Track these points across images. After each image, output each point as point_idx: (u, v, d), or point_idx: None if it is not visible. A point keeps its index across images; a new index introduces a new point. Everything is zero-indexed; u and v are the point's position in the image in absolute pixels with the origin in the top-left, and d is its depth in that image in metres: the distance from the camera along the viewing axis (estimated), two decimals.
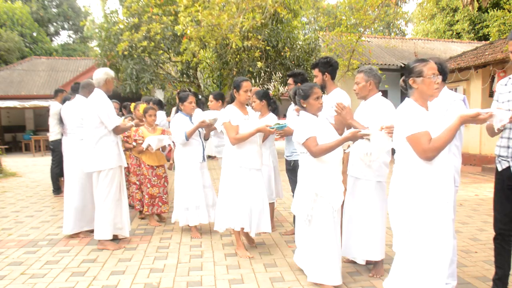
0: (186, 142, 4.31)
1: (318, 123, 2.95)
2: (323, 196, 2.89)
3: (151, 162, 4.91)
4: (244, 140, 3.58)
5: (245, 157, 3.65)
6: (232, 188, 3.68)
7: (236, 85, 3.69)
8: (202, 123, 4.25)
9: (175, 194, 4.47)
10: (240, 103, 3.75)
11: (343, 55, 10.80)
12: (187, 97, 4.46)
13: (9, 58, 22.37)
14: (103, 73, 4.06)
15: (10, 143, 17.26)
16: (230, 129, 3.61)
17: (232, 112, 3.68)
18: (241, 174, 3.66)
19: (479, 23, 19.87)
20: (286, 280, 3.23)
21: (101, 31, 10.76)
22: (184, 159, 4.37)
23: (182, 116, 4.43)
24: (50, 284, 3.20)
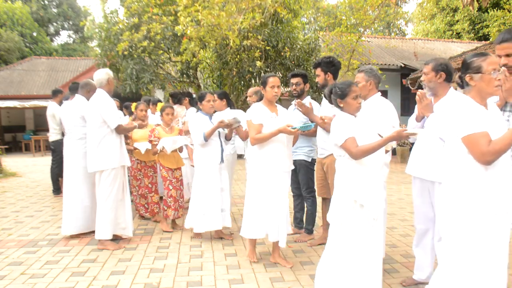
0: (204, 143, 4.12)
1: (357, 123, 2.72)
2: (362, 204, 2.58)
3: (169, 164, 4.64)
4: (265, 140, 3.35)
5: (268, 158, 3.40)
6: (256, 192, 3.47)
7: (263, 81, 3.47)
8: (221, 123, 4.06)
9: (192, 198, 4.27)
10: (268, 100, 3.50)
11: (343, 55, 10.79)
12: (205, 95, 4.24)
13: (9, 58, 22.36)
14: (105, 73, 4.09)
15: (10, 143, 17.26)
16: (251, 128, 3.43)
17: (255, 110, 3.47)
18: (264, 177, 3.42)
19: (479, 23, 19.87)
20: (286, 280, 3.23)
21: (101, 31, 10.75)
22: (203, 160, 4.18)
23: (201, 115, 4.25)
24: (50, 284, 3.20)
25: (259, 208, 3.45)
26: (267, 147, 3.40)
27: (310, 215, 4.27)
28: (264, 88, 3.47)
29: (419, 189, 3.01)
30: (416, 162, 2.98)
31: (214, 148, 4.19)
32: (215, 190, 4.14)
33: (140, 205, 5.15)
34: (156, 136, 4.61)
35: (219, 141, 4.24)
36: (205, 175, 4.15)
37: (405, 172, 3.13)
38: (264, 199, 3.42)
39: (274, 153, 3.40)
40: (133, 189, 5.18)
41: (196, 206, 4.18)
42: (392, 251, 3.89)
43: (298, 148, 4.12)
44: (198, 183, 4.20)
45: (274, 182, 3.41)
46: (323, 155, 3.88)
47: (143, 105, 5.20)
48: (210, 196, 4.12)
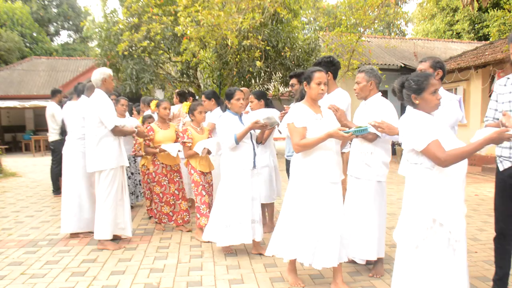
0: (235, 146, 3.68)
1: (436, 123, 2.29)
2: (442, 223, 2.18)
3: (202, 168, 4.24)
4: (312, 147, 2.84)
5: (315, 168, 2.88)
6: (301, 208, 2.92)
7: (307, 76, 2.96)
8: (255, 124, 3.64)
9: (214, 208, 3.83)
10: (312, 99, 2.98)
11: (343, 55, 10.80)
12: (234, 93, 3.78)
13: (9, 58, 22.37)
14: (100, 73, 4.06)
15: (10, 143, 17.27)
16: (294, 132, 2.90)
17: (298, 111, 2.93)
18: (311, 190, 2.89)
19: (479, 23, 19.89)
20: (286, 280, 3.23)
21: (101, 31, 10.77)
22: (232, 165, 3.71)
23: (230, 115, 3.81)
24: (50, 284, 3.20)
25: (305, 227, 2.90)
26: (314, 154, 2.89)
27: None
28: (308, 85, 2.95)
29: None
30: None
31: (246, 152, 3.74)
32: (245, 199, 3.68)
33: (162, 214, 4.66)
34: (189, 137, 4.21)
35: (252, 144, 3.79)
36: (235, 183, 3.68)
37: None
38: (311, 216, 2.89)
39: (322, 161, 2.90)
40: (154, 196, 4.68)
41: (219, 216, 3.72)
42: (392, 251, 3.88)
43: None
44: (225, 191, 3.73)
45: (323, 195, 2.90)
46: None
47: (167, 103, 4.77)
48: (240, 206, 3.66)
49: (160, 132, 4.64)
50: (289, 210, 3.01)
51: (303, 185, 2.92)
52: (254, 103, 4.40)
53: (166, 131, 4.68)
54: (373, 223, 3.20)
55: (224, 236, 3.66)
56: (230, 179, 3.70)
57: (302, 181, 2.93)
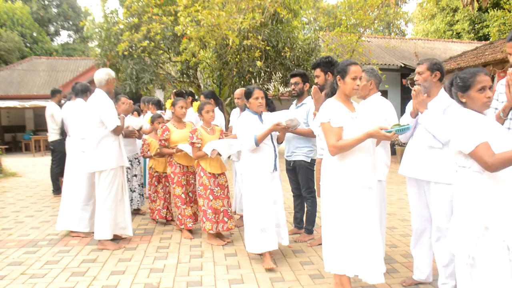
0: (255, 148, 3.51)
1: (488, 124, 2.13)
2: (494, 231, 2.02)
3: (212, 169, 4.07)
4: (349, 148, 2.56)
5: (352, 172, 2.61)
6: (340, 216, 2.63)
7: (341, 70, 2.66)
8: (277, 126, 3.47)
9: (245, 213, 3.63)
10: (345, 95, 2.69)
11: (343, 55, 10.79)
12: (252, 91, 3.60)
13: (9, 58, 22.37)
14: (105, 73, 4.09)
15: (10, 143, 17.27)
16: (329, 132, 2.60)
17: (333, 108, 2.64)
18: (348, 196, 2.61)
19: (479, 23, 19.88)
20: (286, 280, 3.23)
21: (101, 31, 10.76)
22: (252, 168, 3.56)
23: (250, 114, 3.63)
24: (50, 284, 3.20)
25: (349, 238, 2.60)
26: (351, 157, 2.60)
27: (310, 215, 4.27)
28: (342, 79, 2.66)
29: (415, 190, 3.01)
30: (410, 163, 2.97)
31: (267, 153, 3.57)
32: (267, 203, 3.52)
33: (186, 217, 4.38)
34: (198, 138, 4.06)
35: (273, 146, 3.62)
36: (256, 186, 3.53)
37: (399, 173, 3.11)
38: (350, 225, 2.61)
39: (360, 164, 2.62)
40: (176, 200, 4.41)
41: (251, 221, 3.54)
42: (392, 251, 3.89)
43: (297, 148, 4.12)
44: (249, 195, 3.59)
45: (363, 201, 2.62)
46: (323, 156, 3.87)
47: (183, 102, 4.52)
48: (262, 210, 3.50)
49: (176, 132, 4.45)
50: (329, 220, 2.71)
51: (342, 192, 2.61)
52: None
53: (182, 131, 4.47)
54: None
55: (258, 242, 3.49)
56: (250, 183, 3.56)
57: (340, 188, 2.62)
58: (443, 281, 2.85)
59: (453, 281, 2.83)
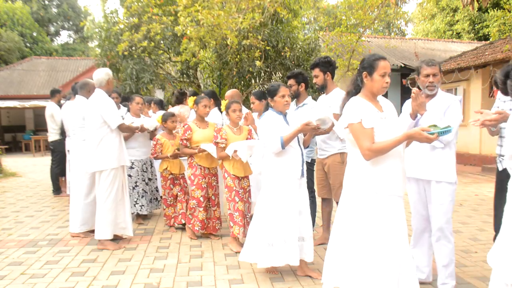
0: (281, 151, 3.14)
1: None
2: None
3: (236, 171, 3.89)
4: (386, 152, 2.27)
5: (383, 179, 2.31)
6: (367, 227, 2.31)
7: (368, 66, 2.39)
8: (306, 126, 3.08)
9: (254, 222, 3.30)
10: (372, 93, 2.42)
11: (343, 55, 10.80)
12: (278, 89, 3.24)
13: (9, 58, 22.39)
14: (105, 73, 4.09)
15: (10, 143, 17.29)
16: (362, 134, 2.29)
17: (363, 108, 2.35)
18: (379, 206, 2.31)
19: (479, 23, 19.88)
20: (286, 280, 3.23)
21: (101, 31, 10.76)
22: (277, 174, 3.17)
23: (274, 114, 3.28)
24: (50, 284, 3.20)
25: (384, 254, 2.28)
26: (382, 163, 2.32)
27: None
28: (370, 76, 2.39)
29: (415, 189, 3.01)
30: (410, 162, 2.97)
31: (293, 158, 3.18)
32: (292, 213, 3.13)
33: (197, 220, 4.20)
34: (223, 138, 3.87)
35: (300, 149, 3.24)
36: (280, 194, 3.14)
37: None
38: (390, 240, 2.29)
39: (391, 171, 2.33)
40: (192, 202, 4.20)
41: (261, 233, 3.20)
42: None
43: None
44: (267, 204, 3.20)
45: (393, 212, 2.32)
46: (323, 156, 3.87)
47: (207, 100, 4.30)
48: (285, 222, 3.11)
49: (198, 132, 4.24)
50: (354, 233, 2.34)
51: (373, 201, 2.31)
52: (255, 103, 4.38)
53: (205, 130, 4.26)
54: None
55: (267, 256, 3.13)
56: (274, 190, 3.17)
57: (372, 196, 2.32)
58: (443, 281, 2.85)
59: (453, 281, 2.83)
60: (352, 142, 2.39)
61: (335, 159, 3.73)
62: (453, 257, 2.87)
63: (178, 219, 4.61)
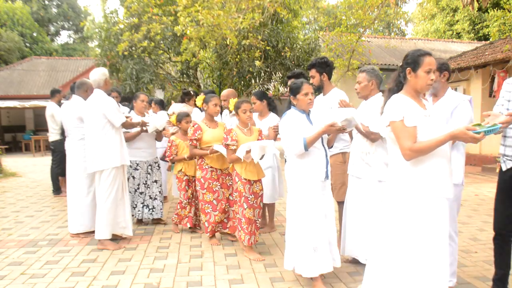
0: (304, 152, 2.97)
1: None
2: None
3: (248, 175, 3.66)
4: (429, 152, 2.17)
5: (428, 179, 2.21)
6: (412, 231, 2.22)
7: (412, 61, 2.31)
8: (331, 127, 2.90)
9: (290, 230, 3.11)
10: (416, 91, 2.32)
11: (343, 55, 10.79)
12: (301, 86, 3.05)
13: (9, 58, 22.39)
14: (101, 73, 4.09)
15: (10, 143, 17.29)
16: (403, 133, 2.20)
17: (406, 105, 2.25)
18: (423, 208, 2.21)
19: (479, 23, 19.88)
20: (286, 280, 3.23)
21: (101, 31, 10.76)
22: (300, 176, 3.02)
23: (296, 113, 3.09)
24: (50, 284, 3.20)
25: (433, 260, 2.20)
26: (427, 163, 2.21)
27: None
28: (414, 72, 2.30)
29: None
30: None
31: (317, 159, 3.03)
32: (319, 217, 2.99)
33: (216, 224, 4.08)
34: (233, 139, 3.67)
35: (324, 150, 3.07)
36: (304, 197, 3.00)
37: None
38: (427, 243, 2.21)
39: (437, 171, 2.22)
40: (206, 206, 4.04)
41: (301, 240, 3.00)
42: None
43: None
44: (296, 209, 3.05)
45: (438, 214, 2.22)
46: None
47: (217, 99, 4.12)
48: (314, 226, 2.97)
49: (208, 132, 4.05)
50: (397, 238, 2.26)
51: (418, 203, 2.21)
52: (256, 104, 4.38)
53: (215, 130, 4.07)
54: (375, 222, 3.21)
55: (312, 263, 2.96)
56: (297, 193, 3.03)
57: (416, 198, 2.22)
58: None
59: (454, 279, 2.85)
60: (393, 141, 2.30)
61: (336, 159, 3.73)
62: (456, 256, 2.89)
63: (184, 222, 4.50)
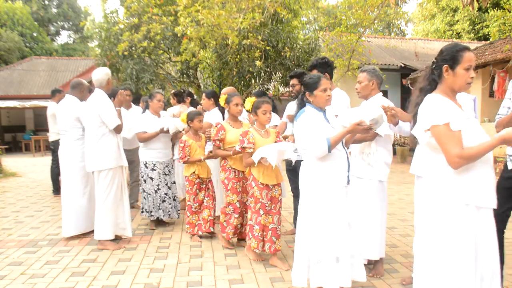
0: (326, 155, 2.69)
1: None
2: None
3: (266, 179, 3.46)
4: (479, 158, 1.95)
5: (473, 188, 1.99)
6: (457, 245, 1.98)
7: (450, 57, 2.08)
8: (357, 126, 2.62)
9: (299, 236, 2.86)
10: (453, 90, 2.09)
11: (343, 55, 10.80)
12: (318, 82, 2.80)
13: (9, 58, 22.40)
14: (105, 73, 4.10)
15: (10, 143, 17.29)
16: (449, 138, 1.95)
17: (448, 106, 2.01)
18: (467, 219, 1.98)
19: (479, 23, 19.89)
20: (286, 280, 3.23)
21: (101, 31, 10.76)
22: (320, 181, 2.73)
23: (314, 111, 2.82)
24: (50, 284, 3.20)
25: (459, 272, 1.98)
26: (475, 169, 1.99)
27: None
28: (452, 70, 2.07)
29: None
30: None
31: (339, 162, 2.76)
32: (341, 225, 2.71)
33: (232, 227, 3.89)
34: (250, 142, 3.49)
35: (345, 152, 2.82)
36: (325, 205, 2.71)
37: (410, 172, 3.12)
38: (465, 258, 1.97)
39: (483, 179, 2.00)
40: (228, 208, 3.88)
41: (307, 249, 2.78)
42: (392, 251, 3.89)
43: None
44: (310, 217, 2.76)
45: (483, 227, 2.00)
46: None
47: (239, 98, 3.97)
48: (335, 236, 2.69)
49: (232, 131, 3.89)
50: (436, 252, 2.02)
51: (465, 215, 1.97)
52: None
53: (239, 130, 3.88)
54: (376, 222, 3.21)
55: (315, 275, 2.71)
56: (317, 200, 2.73)
57: (464, 209, 1.98)
58: None
59: None
60: (432, 147, 2.04)
61: None
62: None
63: (206, 227, 4.24)
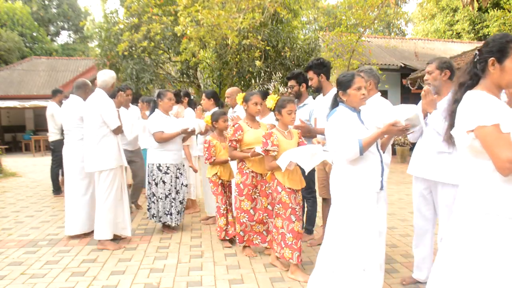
0: (358, 157, 2.49)
1: None
2: None
3: (292, 184, 3.24)
4: None
5: None
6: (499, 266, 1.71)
7: (497, 49, 1.79)
8: (392, 127, 2.43)
9: (327, 244, 2.66)
10: (499, 86, 1.84)
11: (343, 55, 10.80)
12: (352, 80, 2.59)
13: (9, 58, 22.40)
14: (111, 77, 4.16)
15: (10, 143, 17.29)
16: (499, 141, 1.69)
17: (495, 105, 1.76)
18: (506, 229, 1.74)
19: (479, 23, 19.88)
20: (286, 280, 3.23)
21: (101, 31, 10.77)
22: (351, 186, 2.54)
23: (347, 111, 2.62)
24: (50, 284, 3.20)
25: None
26: None
27: (310, 216, 4.27)
28: (500, 63, 1.81)
29: (421, 189, 3.00)
30: (418, 162, 2.97)
31: (372, 166, 2.56)
32: (372, 234, 2.53)
33: (254, 233, 3.75)
34: (274, 144, 3.24)
35: (379, 155, 2.61)
36: (357, 211, 2.52)
37: (407, 172, 3.12)
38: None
39: None
40: (242, 215, 3.69)
41: (351, 258, 2.52)
42: (392, 251, 3.89)
43: None
44: (340, 224, 2.58)
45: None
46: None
47: (258, 97, 3.76)
48: (366, 245, 2.51)
49: (250, 132, 3.70)
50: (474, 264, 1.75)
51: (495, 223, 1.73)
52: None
53: (257, 131, 3.70)
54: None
55: (361, 285, 2.52)
56: (348, 207, 2.55)
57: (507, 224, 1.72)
58: None
59: None
60: (475, 151, 1.77)
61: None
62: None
63: (229, 232, 4.09)
